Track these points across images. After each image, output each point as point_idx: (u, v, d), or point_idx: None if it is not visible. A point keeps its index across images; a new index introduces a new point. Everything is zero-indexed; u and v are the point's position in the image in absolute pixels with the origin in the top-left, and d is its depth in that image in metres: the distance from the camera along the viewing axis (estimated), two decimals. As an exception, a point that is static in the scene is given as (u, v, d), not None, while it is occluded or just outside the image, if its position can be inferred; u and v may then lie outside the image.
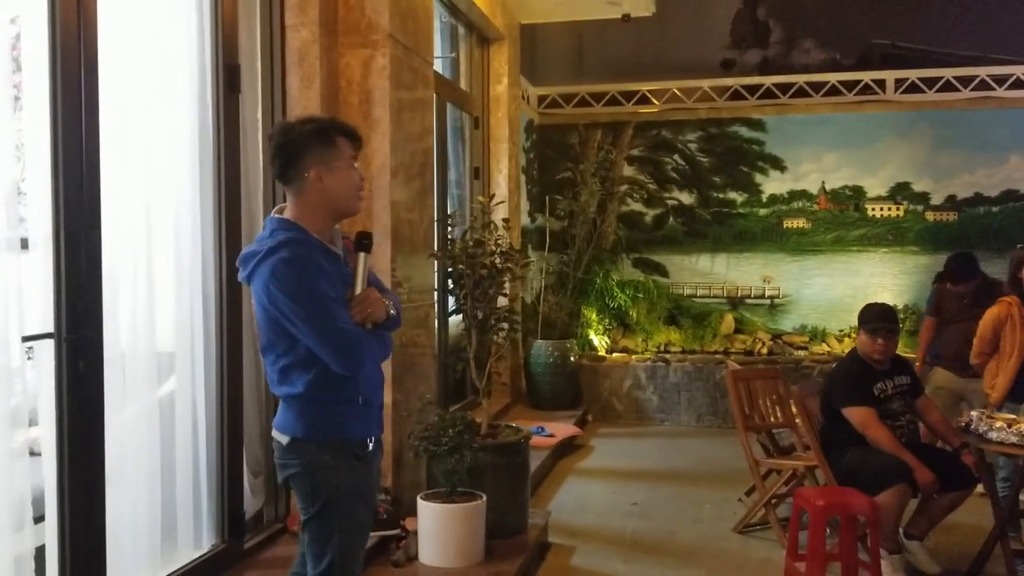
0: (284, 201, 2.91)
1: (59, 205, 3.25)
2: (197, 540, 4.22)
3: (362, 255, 2.85)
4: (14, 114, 3.21)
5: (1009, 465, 5.28)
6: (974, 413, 4.84)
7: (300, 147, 2.79)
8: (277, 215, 2.86)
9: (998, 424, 4.60)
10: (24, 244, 3.23)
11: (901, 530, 4.99)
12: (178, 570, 4.00)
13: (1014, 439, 4.50)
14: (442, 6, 7.80)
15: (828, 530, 5.09)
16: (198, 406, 4.22)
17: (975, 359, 5.68)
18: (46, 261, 3.25)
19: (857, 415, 4.92)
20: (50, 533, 3.30)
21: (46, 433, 3.29)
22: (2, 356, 3.09)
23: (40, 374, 3.30)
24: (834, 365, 5.74)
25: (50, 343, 3.26)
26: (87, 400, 3.36)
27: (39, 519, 3.30)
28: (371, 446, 2.94)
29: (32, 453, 3.30)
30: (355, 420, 2.87)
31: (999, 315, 5.51)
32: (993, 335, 5.53)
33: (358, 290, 2.82)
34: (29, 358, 3.33)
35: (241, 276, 2.83)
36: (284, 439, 2.86)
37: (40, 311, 3.27)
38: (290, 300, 2.67)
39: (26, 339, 3.19)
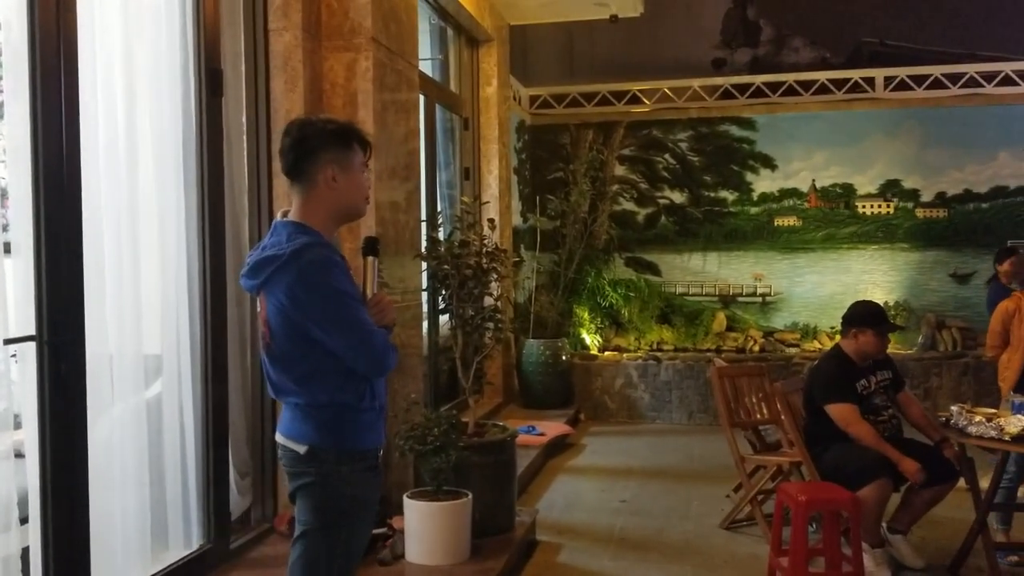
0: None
1: (40, 209, 3.29)
2: (185, 540, 4.26)
3: (371, 259, 2.82)
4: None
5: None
6: (955, 407, 4.87)
7: (318, 144, 2.74)
8: (286, 219, 2.79)
9: (977, 418, 4.64)
10: (7, 248, 3.27)
11: (884, 524, 5.03)
12: (165, 570, 4.03)
13: (993, 433, 4.52)
14: (430, 8, 7.83)
15: (813, 525, 5.15)
16: (184, 407, 4.25)
17: (989, 352, 5.87)
18: (28, 265, 3.29)
19: (839, 412, 4.96)
20: (34, 534, 3.33)
21: (29, 435, 3.32)
22: (-14, 359, 3.13)
23: (25, 377, 3.33)
24: (816, 362, 5.78)
25: (32, 346, 3.30)
26: (69, 402, 3.39)
27: (25, 520, 3.33)
28: (380, 456, 2.90)
29: (18, 455, 3.34)
30: (372, 428, 2.81)
31: (1008, 308, 5.65)
32: (1003, 328, 5.67)
33: (368, 295, 2.78)
34: (15, 361, 3.37)
35: (250, 284, 2.75)
36: (300, 448, 2.74)
37: (24, 314, 3.30)
38: (321, 303, 2.62)
39: (9, 342, 3.23)
